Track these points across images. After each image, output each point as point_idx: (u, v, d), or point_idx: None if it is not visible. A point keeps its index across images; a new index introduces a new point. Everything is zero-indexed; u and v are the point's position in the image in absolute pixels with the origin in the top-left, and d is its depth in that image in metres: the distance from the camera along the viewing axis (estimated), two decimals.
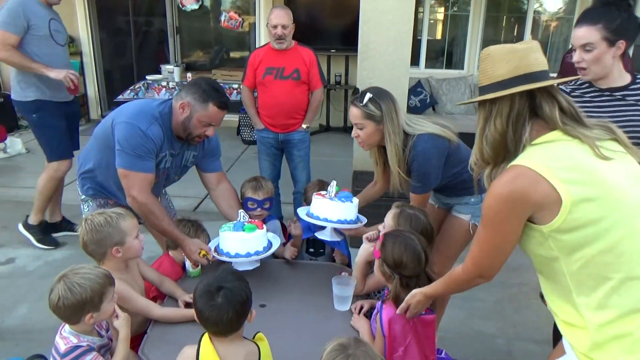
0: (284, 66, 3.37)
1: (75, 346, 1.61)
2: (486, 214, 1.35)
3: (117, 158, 2.14)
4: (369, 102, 2.04)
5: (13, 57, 3.27)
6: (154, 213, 2.16)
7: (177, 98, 2.23)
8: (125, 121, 2.14)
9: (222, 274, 1.50)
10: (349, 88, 6.89)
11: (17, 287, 3.12)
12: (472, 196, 2.29)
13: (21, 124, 7.01)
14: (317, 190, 2.47)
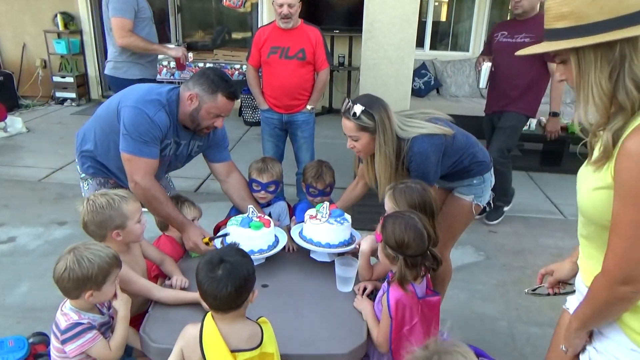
0: (289, 46, 3.30)
1: (76, 323, 1.60)
2: (629, 187, 1.05)
3: (121, 142, 2.11)
4: (361, 115, 1.98)
5: (137, 41, 3.47)
6: (157, 199, 2.13)
7: (184, 88, 2.19)
8: (133, 105, 2.10)
9: (226, 248, 1.49)
10: (353, 69, 6.81)
11: (18, 265, 3.12)
12: (474, 178, 2.26)
13: (21, 103, 6.97)
14: (315, 176, 2.45)
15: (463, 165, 2.20)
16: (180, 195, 2.36)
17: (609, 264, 1.12)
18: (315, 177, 2.48)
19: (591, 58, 1.09)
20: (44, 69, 7.23)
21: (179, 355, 1.46)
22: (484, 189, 2.30)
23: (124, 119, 2.10)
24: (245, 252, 1.50)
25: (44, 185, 4.36)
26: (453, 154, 2.14)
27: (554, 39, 1.13)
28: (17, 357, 2.08)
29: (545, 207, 4.33)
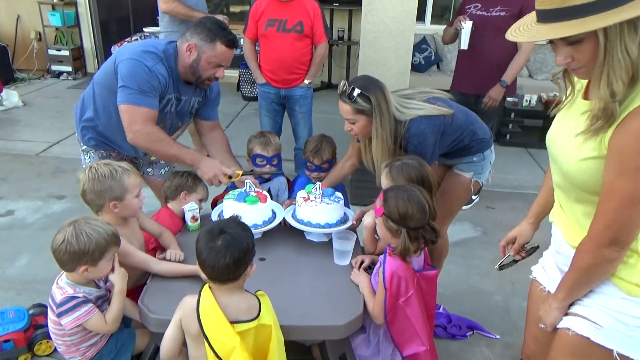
0: (287, 18, 3.24)
1: (71, 297, 1.62)
2: (627, 158, 1.08)
3: (119, 95, 2.04)
4: (358, 98, 1.94)
5: (178, 8, 3.47)
6: (162, 140, 2.09)
7: (182, 40, 2.14)
8: (129, 58, 2.04)
9: (227, 220, 1.49)
10: (352, 44, 6.72)
11: (17, 238, 3.12)
12: (474, 155, 2.25)
13: (17, 76, 6.89)
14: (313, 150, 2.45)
15: (463, 144, 2.19)
16: (197, 176, 2.31)
17: (598, 227, 1.17)
18: (313, 152, 2.47)
19: (618, 30, 1.03)
20: (39, 42, 7.12)
21: (177, 325, 1.48)
22: (483, 165, 2.29)
23: (121, 73, 2.04)
24: (246, 226, 1.50)
25: (41, 159, 4.35)
26: (452, 132, 2.12)
27: (575, 17, 1.04)
28: (18, 327, 2.11)
29: None
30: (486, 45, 3.35)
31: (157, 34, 6.14)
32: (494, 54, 3.39)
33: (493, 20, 3.32)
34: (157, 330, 1.64)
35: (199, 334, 1.41)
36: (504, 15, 3.29)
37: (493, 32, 3.26)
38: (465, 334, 2.47)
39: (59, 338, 1.70)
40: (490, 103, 3.53)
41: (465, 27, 3.30)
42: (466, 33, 3.32)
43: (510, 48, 3.41)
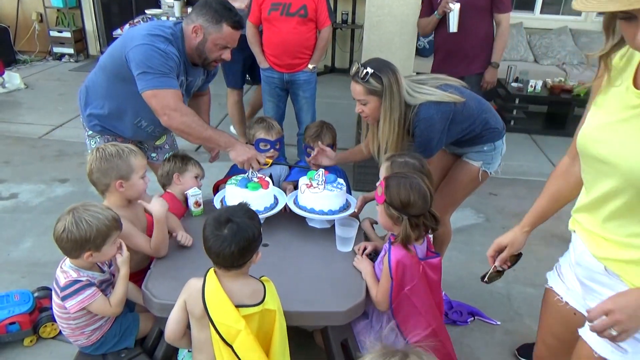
0: (291, 2, 3.19)
1: (75, 280, 1.63)
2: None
3: (139, 82, 2.01)
4: (370, 78, 1.95)
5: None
6: (196, 122, 2.09)
7: (187, 21, 2.12)
8: (141, 43, 2.00)
9: (235, 207, 1.49)
10: (357, 27, 6.64)
11: (21, 221, 3.14)
12: (485, 144, 2.23)
13: (19, 58, 6.85)
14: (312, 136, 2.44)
15: (475, 133, 2.17)
16: (185, 154, 2.35)
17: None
18: (313, 137, 2.46)
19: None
20: (40, 23, 7.05)
21: (182, 307, 1.49)
22: (494, 155, 2.26)
23: (135, 59, 2.00)
24: (253, 214, 1.50)
25: (44, 142, 4.34)
26: (463, 120, 2.10)
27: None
28: (23, 310, 2.14)
29: (547, 170, 4.31)
30: (466, 26, 3.31)
31: (160, 16, 6.10)
32: (475, 33, 3.39)
33: (469, 0, 3.28)
34: (160, 315, 1.65)
35: (203, 316, 1.42)
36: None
37: (471, 13, 3.28)
38: (466, 320, 2.48)
39: (63, 321, 1.71)
40: (488, 86, 3.59)
41: (454, 9, 3.24)
42: (454, 15, 3.26)
43: (488, 26, 3.45)
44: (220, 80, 2.58)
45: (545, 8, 6.53)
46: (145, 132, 2.34)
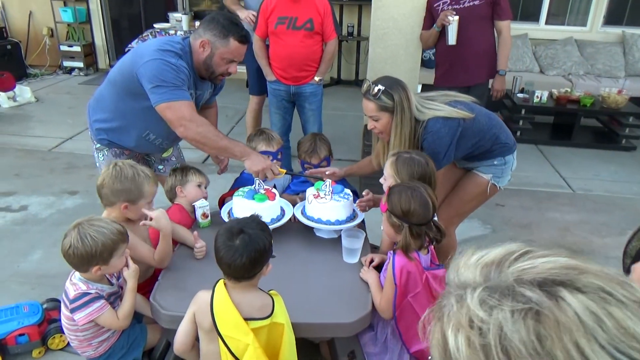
0: (297, 16, 3.24)
1: (84, 293, 1.64)
2: None
3: (152, 96, 2.03)
4: (381, 95, 2.02)
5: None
6: (212, 131, 2.11)
7: (195, 36, 2.16)
8: (152, 59, 2.03)
9: (247, 219, 1.50)
10: (362, 39, 6.69)
11: (30, 233, 3.17)
12: (495, 159, 2.26)
13: (29, 72, 6.96)
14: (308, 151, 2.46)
15: (485, 148, 2.21)
16: (185, 166, 2.38)
17: None
18: (308, 152, 2.47)
19: None
20: (50, 38, 7.18)
21: (191, 319, 1.50)
22: (504, 170, 2.29)
23: (147, 75, 2.03)
24: (265, 226, 1.52)
25: (54, 155, 4.40)
26: (473, 135, 2.13)
27: None
28: (32, 321, 2.15)
29: (553, 180, 4.30)
30: (468, 36, 3.33)
31: (168, 30, 6.19)
32: (476, 43, 3.41)
33: (468, 10, 3.31)
34: (168, 326, 1.66)
35: (211, 328, 1.43)
36: (478, 3, 3.30)
37: (471, 22, 3.30)
38: None
39: (71, 333, 1.73)
40: (498, 94, 3.59)
41: (453, 22, 3.27)
42: (453, 28, 3.29)
43: (489, 34, 3.47)
44: (226, 93, 2.61)
45: (551, 19, 6.55)
46: (153, 145, 2.36)
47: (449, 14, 3.26)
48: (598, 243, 3.31)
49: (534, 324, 0.46)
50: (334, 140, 2.84)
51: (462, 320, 0.51)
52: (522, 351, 0.46)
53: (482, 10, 3.34)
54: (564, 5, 6.57)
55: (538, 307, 0.47)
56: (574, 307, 0.46)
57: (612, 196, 4.03)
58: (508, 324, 0.47)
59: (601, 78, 5.87)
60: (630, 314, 0.46)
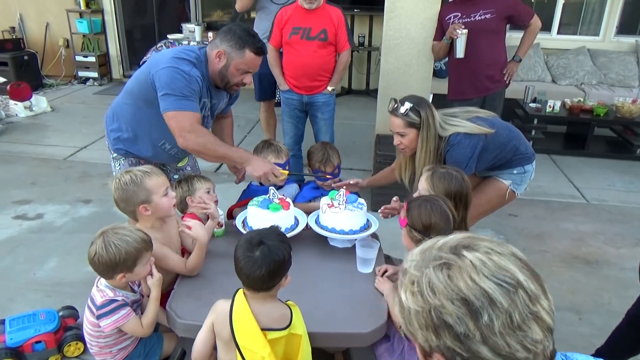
0: (311, 26, 3.27)
1: (112, 300, 1.66)
2: None
3: (162, 103, 2.08)
4: (409, 111, 2.16)
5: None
6: (211, 141, 2.13)
7: (211, 46, 2.18)
8: (166, 66, 2.08)
9: (267, 230, 1.51)
10: (373, 50, 6.73)
11: (46, 241, 3.21)
12: (514, 168, 2.37)
13: (45, 82, 7.08)
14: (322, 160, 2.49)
15: (506, 159, 2.33)
16: (188, 175, 2.38)
17: None
18: (323, 161, 2.50)
19: None
20: (66, 49, 7.30)
21: (210, 328, 1.50)
22: (522, 178, 2.41)
23: (160, 81, 2.07)
24: (284, 237, 1.52)
25: (69, 163, 4.45)
26: (494, 148, 2.26)
27: None
28: (49, 329, 2.16)
29: (567, 191, 4.27)
30: (477, 49, 3.36)
31: (181, 41, 6.27)
32: (486, 56, 3.44)
33: (479, 24, 3.34)
34: (184, 335, 1.67)
35: (230, 338, 1.43)
36: (490, 17, 3.33)
37: (482, 36, 3.33)
38: None
39: (93, 339, 1.74)
40: (509, 75, 3.61)
41: (461, 35, 3.31)
42: (462, 42, 3.33)
43: (500, 48, 3.52)
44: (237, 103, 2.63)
45: (563, 29, 6.54)
46: (168, 154, 2.39)
47: (457, 27, 3.29)
48: (613, 254, 3.28)
49: (446, 270, 0.77)
50: (345, 149, 2.85)
51: (406, 282, 0.81)
52: (441, 287, 0.76)
53: (493, 24, 3.36)
54: (576, 15, 6.56)
55: (448, 261, 0.78)
56: (469, 258, 0.77)
57: (627, 207, 3.99)
58: (432, 274, 0.77)
59: (614, 87, 5.84)
60: (504, 258, 0.77)
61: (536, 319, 0.74)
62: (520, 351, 0.73)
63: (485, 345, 0.73)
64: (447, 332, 0.74)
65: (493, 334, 0.72)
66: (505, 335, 0.72)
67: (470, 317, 0.73)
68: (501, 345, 0.72)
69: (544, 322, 0.75)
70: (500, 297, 0.73)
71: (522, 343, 0.73)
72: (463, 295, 0.73)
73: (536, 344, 0.74)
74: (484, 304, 0.72)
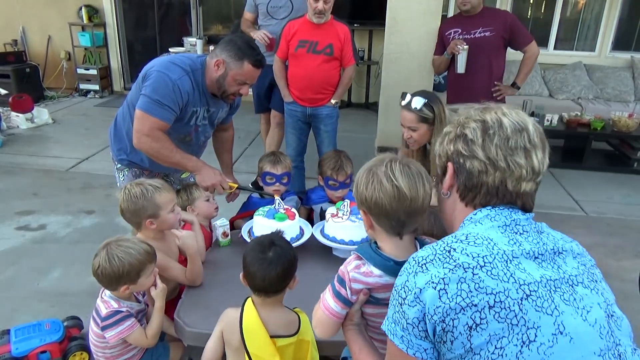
0: (318, 40, 3.31)
1: (116, 311, 1.66)
2: None
3: (139, 100, 2.13)
4: (423, 107, 2.21)
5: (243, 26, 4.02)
6: (165, 147, 2.14)
7: (211, 55, 2.22)
8: (157, 70, 2.12)
9: (273, 234, 1.54)
10: (372, 64, 6.81)
11: (49, 252, 3.21)
12: None
13: (46, 94, 7.12)
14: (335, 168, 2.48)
15: None
16: (186, 184, 2.41)
17: None
18: (335, 169, 2.47)
19: None
20: (68, 61, 7.36)
21: (219, 337, 1.51)
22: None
23: (146, 81, 2.13)
24: (287, 240, 1.57)
25: (71, 175, 4.47)
26: None
27: None
28: (54, 339, 2.17)
29: (566, 203, 4.31)
30: (477, 65, 3.40)
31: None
32: (486, 72, 3.47)
33: (479, 41, 3.38)
34: (193, 344, 1.68)
35: (240, 346, 1.44)
36: (489, 35, 3.37)
37: (482, 52, 3.37)
38: None
39: (99, 350, 1.74)
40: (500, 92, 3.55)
41: (463, 51, 3.35)
42: (463, 57, 3.37)
43: (500, 64, 3.54)
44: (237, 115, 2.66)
45: (559, 44, 6.65)
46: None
47: (459, 43, 3.34)
48: (613, 266, 3.30)
49: (481, 112, 1.04)
50: None
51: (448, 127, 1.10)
52: (471, 113, 1.06)
53: (493, 41, 3.40)
54: (572, 31, 6.67)
55: (485, 108, 1.07)
56: (502, 108, 1.04)
57: (627, 219, 4.03)
58: (471, 114, 1.06)
59: (611, 102, 5.92)
60: (527, 118, 1.03)
61: (525, 153, 0.98)
62: (502, 161, 0.98)
63: (482, 150, 0.99)
64: (462, 140, 1.02)
65: (490, 143, 0.98)
66: (498, 147, 0.98)
67: (481, 131, 1.00)
68: (491, 152, 0.98)
69: (531, 160, 0.99)
70: (507, 126, 0.99)
71: (507, 159, 0.97)
72: (484, 118, 1.02)
73: (516, 166, 0.98)
74: (494, 125, 1.00)
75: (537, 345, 0.84)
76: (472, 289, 0.85)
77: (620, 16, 6.42)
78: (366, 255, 1.14)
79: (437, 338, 0.89)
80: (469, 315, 0.85)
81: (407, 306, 0.90)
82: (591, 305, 0.91)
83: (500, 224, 0.96)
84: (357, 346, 1.17)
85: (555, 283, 0.90)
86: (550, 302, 0.87)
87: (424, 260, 0.92)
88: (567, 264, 0.96)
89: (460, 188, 1.03)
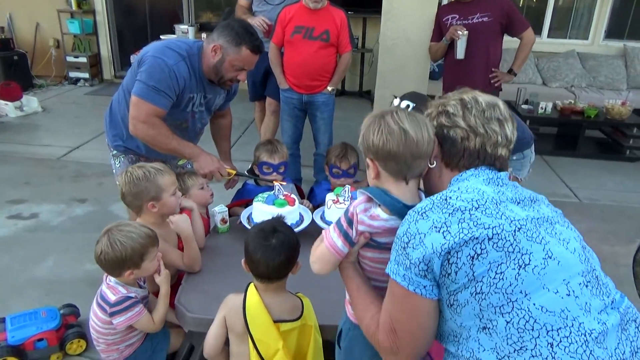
0: (314, 26, 3.27)
1: (126, 297, 1.65)
2: None
3: (134, 86, 2.08)
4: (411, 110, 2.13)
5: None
6: (161, 133, 2.11)
7: (208, 40, 2.17)
8: (153, 55, 2.08)
9: (274, 220, 1.52)
10: (366, 51, 6.77)
11: (42, 240, 3.17)
12: (514, 154, 2.37)
13: (35, 82, 7.00)
14: (339, 155, 2.49)
15: None
16: (179, 173, 2.35)
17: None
18: (339, 156, 2.50)
19: None
20: (57, 49, 7.22)
21: (222, 323, 1.50)
22: (523, 163, 2.43)
23: (142, 66, 2.09)
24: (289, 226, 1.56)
25: (62, 163, 4.40)
26: None
27: None
28: (51, 327, 2.15)
29: (560, 190, 4.33)
30: (475, 51, 3.39)
31: None
32: (484, 58, 3.46)
33: (478, 26, 3.37)
34: (194, 329, 1.67)
35: (244, 331, 1.43)
36: (487, 20, 3.36)
37: (480, 38, 3.36)
38: None
39: (102, 336, 1.72)
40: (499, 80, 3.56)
41: (462, 37, 3.33)
42: (462, 43, 3.35)
43: (497, 50, 3.52)
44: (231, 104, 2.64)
45: (553, 32, 6.66)
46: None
47: (458, 29, 3.32)
48: (607, 251, 3.33)
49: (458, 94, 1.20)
50: None
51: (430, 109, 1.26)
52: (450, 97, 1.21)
53: (491, 27, 3.39)
54: (566, 19, 6.68)
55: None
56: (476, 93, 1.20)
57: (620, 205, 4.06)
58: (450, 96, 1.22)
59: (604, 90, 5.95)
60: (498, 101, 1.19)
61: (499, 123, 1.14)
62: (481, 128, 1.12)
63: (463, 120, 1.14)
64: (445, 114, 1.17)
65: (470, 114, 1.14)
66: (476, 117, 1.13)
67: (461, 106, 1.15)
68: (471, 121, 1.13)
69: (504, 129, 1.15)
70: (482, 102, 1.15)
71: (484, 126, 1.12)
72: (461, 97, 1.18)
73: (493, 133, 1.14)
74: (471, 101, 1.15)
75: (531, 267, 0.97)
76: (471, 225, 0.98)
77: (613, 5, 6.44)
78: (376, 195, 1.16)
79: (443, 272, 0.99)
80: (471, 247, 0.97)
81: (411, 249, 1.01)
82: (569, 238, 1.07)
83: (484, 178, 1.11)
84: (354, 284, 1.24)
85: (538, 221, 1.04)
86: (538, 234, 1.01)
87: (424, 210, 1.03)
88: (542, 209, 1.11)
89: (445, 155, 1.17)
